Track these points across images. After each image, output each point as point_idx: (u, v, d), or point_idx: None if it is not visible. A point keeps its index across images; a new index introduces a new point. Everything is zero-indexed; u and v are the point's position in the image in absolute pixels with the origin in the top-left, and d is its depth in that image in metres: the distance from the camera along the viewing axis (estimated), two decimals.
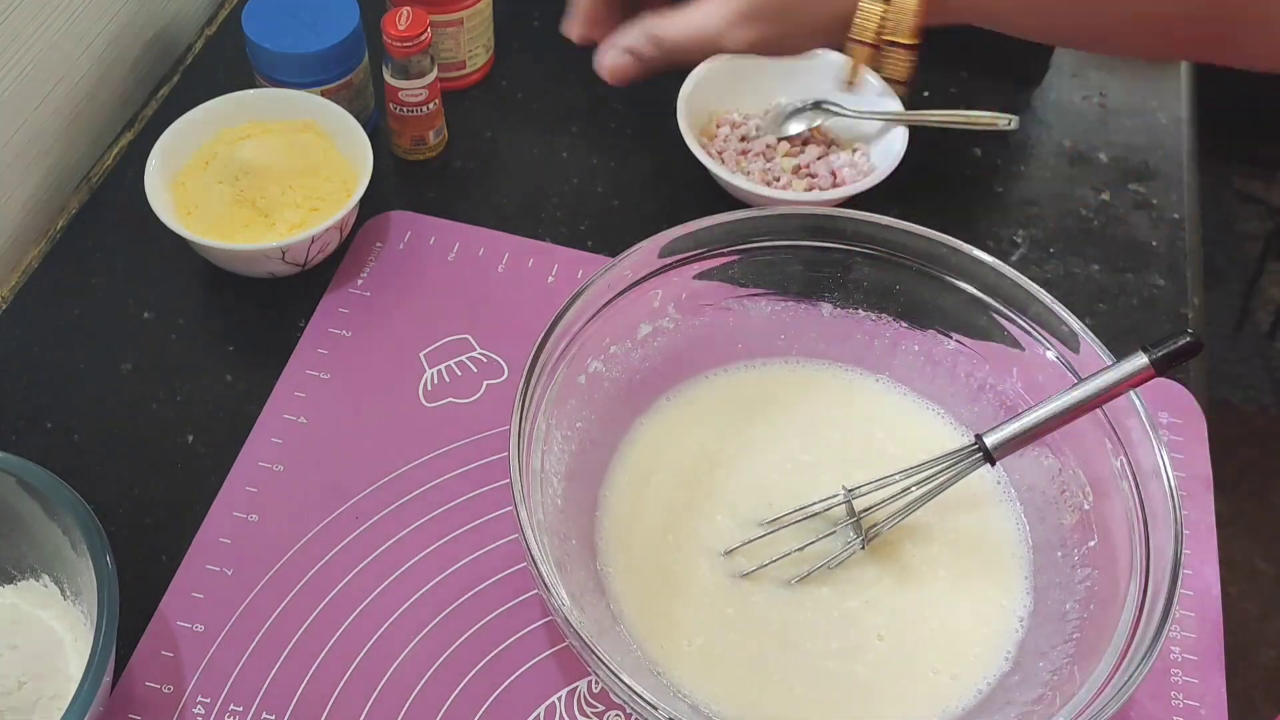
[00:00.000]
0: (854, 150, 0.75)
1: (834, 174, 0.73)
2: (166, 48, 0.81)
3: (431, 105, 0.71)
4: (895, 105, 0.74)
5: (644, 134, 0.78)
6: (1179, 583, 0.50)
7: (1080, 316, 0.58)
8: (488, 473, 0.62)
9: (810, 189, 0.72)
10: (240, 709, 0.55)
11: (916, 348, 0.63)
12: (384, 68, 0.69)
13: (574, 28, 0.62)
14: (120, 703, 0.55)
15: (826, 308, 0.64)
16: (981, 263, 0.60)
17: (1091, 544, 0.56)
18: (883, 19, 0.54)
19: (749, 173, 0.73)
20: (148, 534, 0.60)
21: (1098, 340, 0.57)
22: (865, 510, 0.58)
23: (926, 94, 0.81)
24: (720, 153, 0.74)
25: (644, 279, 0.60)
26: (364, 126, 0.70)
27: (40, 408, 0.64)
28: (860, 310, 0.63)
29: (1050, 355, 0.59)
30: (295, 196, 0.66)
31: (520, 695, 0.56)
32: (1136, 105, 0.82)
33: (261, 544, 0.59)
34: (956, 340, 0.62)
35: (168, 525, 0.60)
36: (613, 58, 0.60)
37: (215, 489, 0.61)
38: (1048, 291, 0.59)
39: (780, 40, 0.56)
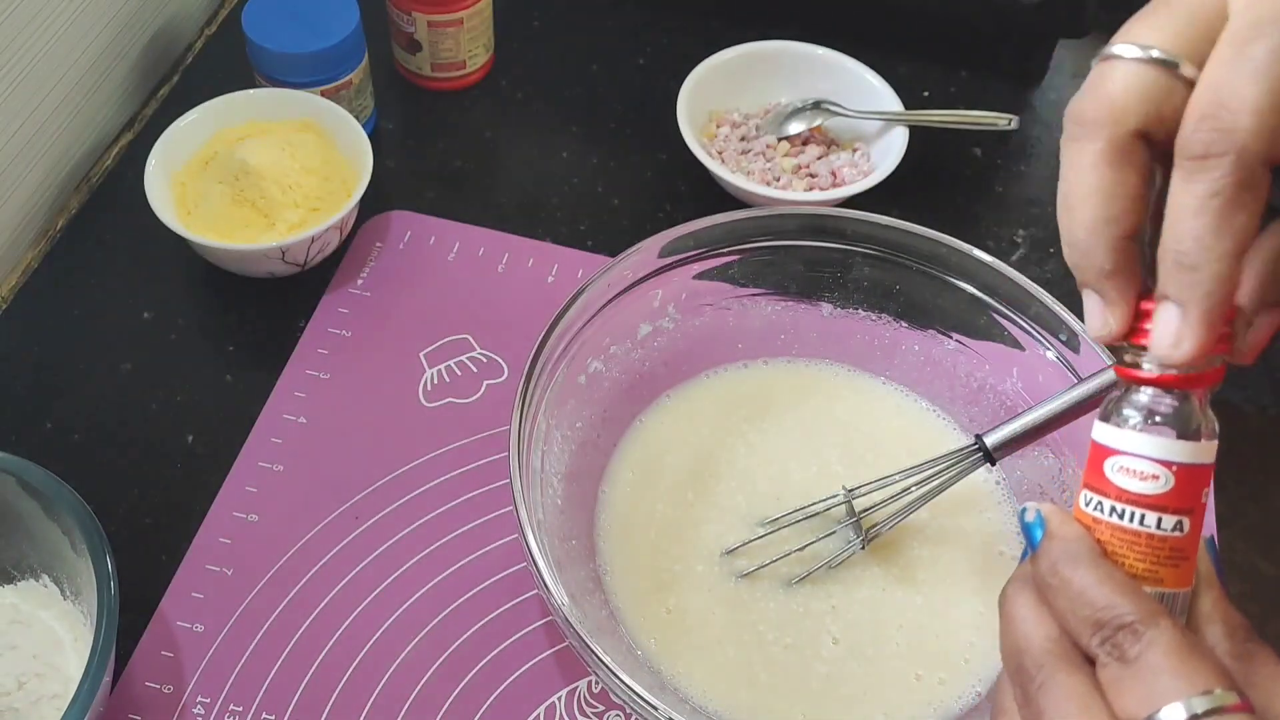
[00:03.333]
0: (854, 150, 0.75)
1: (834, 174, 0.73)
2: (166, 48, 0.81)
3: None
4: (895, 105, 0.74)
5: (644, 134, 0.78)
6: None
7: (1080, 316, 0.58)
8: (487, 473, 0.62)
9: (810, 189, 0.72)
10: (240, 709, 0.55)
11: (916, 347, 0.63)
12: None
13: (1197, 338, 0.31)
14: (120, 703, 0.55)
15: (826, 307, 0.64)
16: (981, 262, 0.60)
17: None
18: None
19: (749, 172, 0.73)
20: (147, 534, 0.60)
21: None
22: (865, 510, 0.58)
23: (926, 94, 0.81)
24: (720, 152, 0.74)
25: (644, 279, 0.60)
26: (364, 126, 0.70)
27: (40, 408, 0.64)
28: (860, 310, 0.63)
29: (1050, 355, 0.59)
30: (295, 196, 0.66)
31: (520, 695, 0.56)
32: None
33: (261, 544, 0.59)
34: (956, 340, 0.62)
35: (167, 525, 0.60)
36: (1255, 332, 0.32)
37: (215, 489, 0.61)
38: (1048, 291, 0.59)
39: None
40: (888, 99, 0.74)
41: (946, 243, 0.60)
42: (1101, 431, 0.35)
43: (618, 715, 0.55)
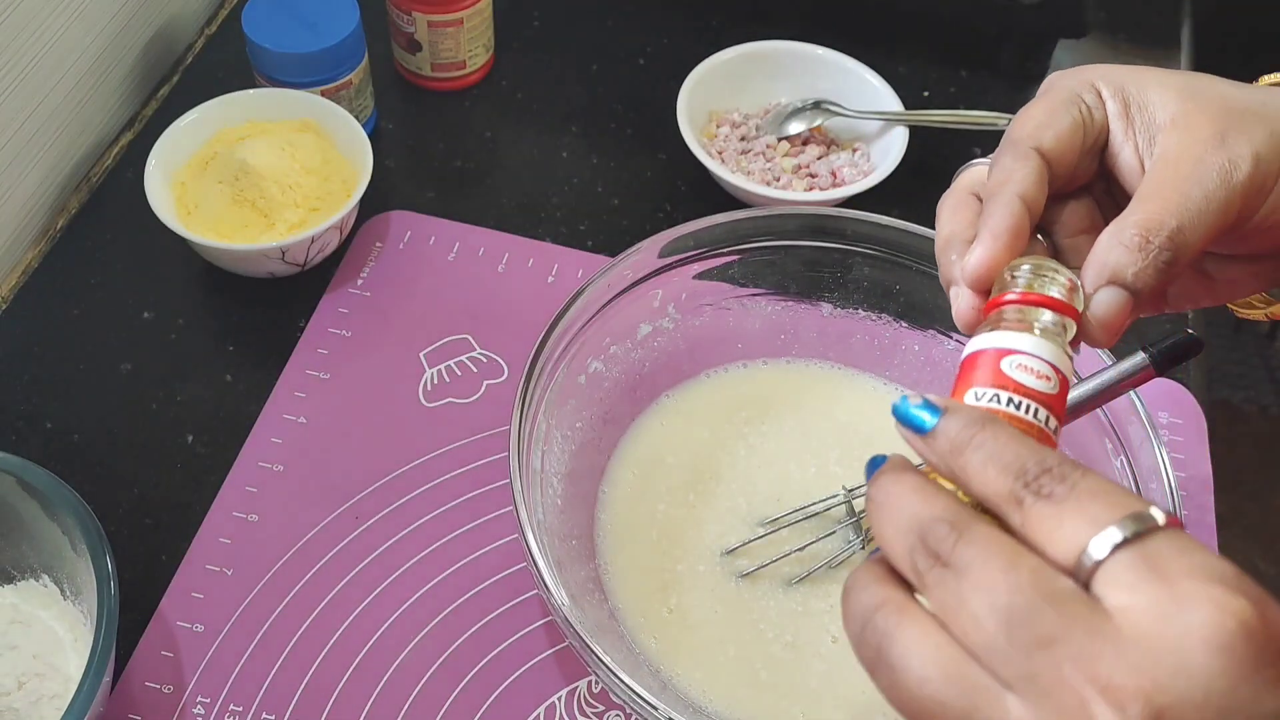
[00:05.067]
0: (854, 150, 0.75)
1: (834, 174, 0.73)
2: (166, 48, 0.81)
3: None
4: (895, 105, 0.74)
5: (644, 134, 0.78)
6: None
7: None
8: (488, 473, 0.62)
9: (810, 189, 0.72)
10: (240, 709, 0.55)
11: (916, 347, 0.63)
12: None
13: (981, 258, 0.40)
14: (120, 703, 0.55)
15: (826, 307, 0.64)
16: None
17: None
18: None
19: (749, 172, 0.73)
20: (147, 534, 0.60)
21: None
22: (865, 510, 0.58)
23: (926, 94, 0.81)
24: (720, 152, 0.74)
25: (644, 279, 0.60)
26: (364, 126, 0.70)
27: (40, 408, 0.64)
28: (860, 310, 0.63)
29: None
30: (295, 196, 0.66)
31: (520, 695, 0.56)
32: None
33: (261, 544, 0.59)
34: (956, 340, 0.62)
35: (167, 525, 0.60)
36: (1109, 304, 0.39)
37: (215, 489, 0.61)
38: None
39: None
40: (888, 99, 0.74)
41: None
42: (993, 339, 0.37)
43: (618, 715, 0.56)
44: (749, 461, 0.62)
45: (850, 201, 0.70)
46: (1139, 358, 0.52)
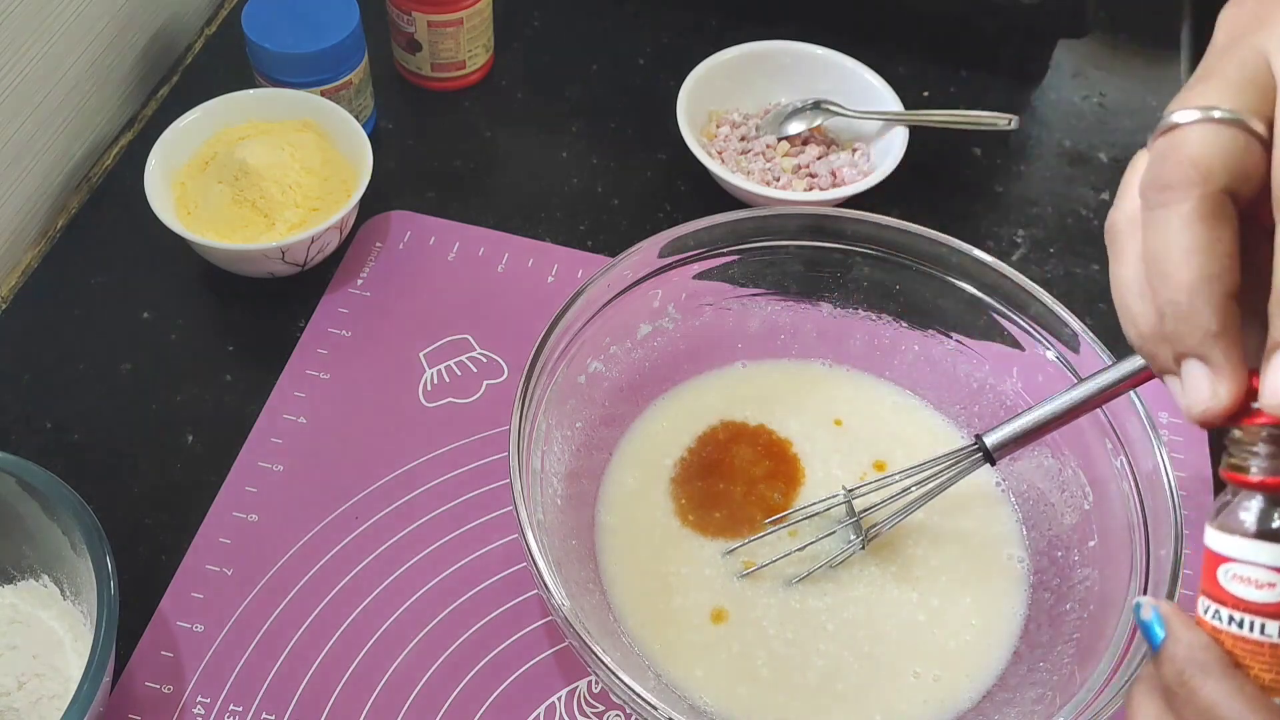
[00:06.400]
0: (854, 150, 0.75)
1: (834, 174, 0.73)
2: (166, 48, 0.81)
3: None
4: (895, 105, 0.74)
5: (644, 134, 0.78)
6: (1179, 583, 0.50)
7: (1080, 316, 0.58)
8: (488, 473, 0.62)
9: (810, 189, 0.72)
10: (240, 709, 0.55)
11: (916, 348, 0.63)
12: None
13: (1223, 391, 0.32)
14: (120, 703, 0.55)
15: (826, 308, 0.64)
16: (981, 262, 0.60)
17: (1091, 544, 0.56)
18: None
19: (749, 172, 0.73)
20: (147, 534, 0.60)
21: (1098, 340, 0.57)
22: (865, 510, 0.58)
23: (926, 94, 0.81)
24: (720, 152, 0.74)
25: (644, 279, 0.60)
26: (364, 126, 0.70)
27: (40, 408, 0.64)
28: (860, 310, 0.63)
29: (1050, 355, 0.59)
30: (295, 196, 0.66)
31: (520, 695, 0.56)
32: (1136, 105, 0.82)
33: (261, 544, 0.59)
34: (956, 340, 0.62)
35: (167, 525, 0.60)
36: None
37: (215, 489, 0.61)
38: (1048, 291, 0.59)
39: None
40: (888, 99, 0.74)
41: (946, 243, 0.60)
42: (1212, 537, 0.34)
43: (618, 715, 0.56)
44: None
45: (850, 201, 0.70)
46: (1139, 358, 0.52)
